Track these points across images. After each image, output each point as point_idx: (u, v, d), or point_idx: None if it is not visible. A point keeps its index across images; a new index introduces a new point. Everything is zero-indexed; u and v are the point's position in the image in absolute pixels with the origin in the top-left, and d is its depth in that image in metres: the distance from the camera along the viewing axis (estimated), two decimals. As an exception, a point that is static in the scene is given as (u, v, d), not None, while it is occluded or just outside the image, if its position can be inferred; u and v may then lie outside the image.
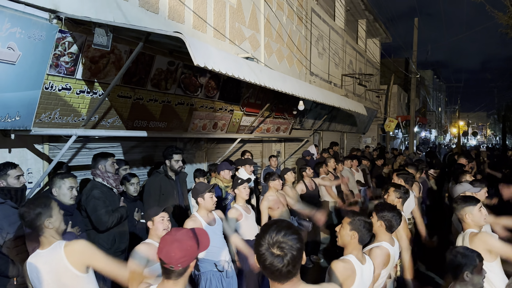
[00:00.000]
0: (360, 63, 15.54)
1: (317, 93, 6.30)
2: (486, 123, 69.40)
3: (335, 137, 13.71)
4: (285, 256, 1.52)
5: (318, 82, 10.87)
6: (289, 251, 1.53)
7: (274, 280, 1.60)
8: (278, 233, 1.55)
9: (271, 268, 1.54)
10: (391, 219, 2.93)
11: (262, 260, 1.56)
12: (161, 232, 3.01)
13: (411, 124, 19.09)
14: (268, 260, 1.54)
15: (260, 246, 1.57)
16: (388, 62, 21.97)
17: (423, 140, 35.78)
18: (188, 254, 1.85)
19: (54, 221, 2.37)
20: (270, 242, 1.54)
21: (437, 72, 45.04)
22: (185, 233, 1.89)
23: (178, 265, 1.83)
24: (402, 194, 3.92)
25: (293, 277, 1.59)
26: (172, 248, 1.82)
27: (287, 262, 1.53)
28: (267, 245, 1.55)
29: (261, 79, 4.23)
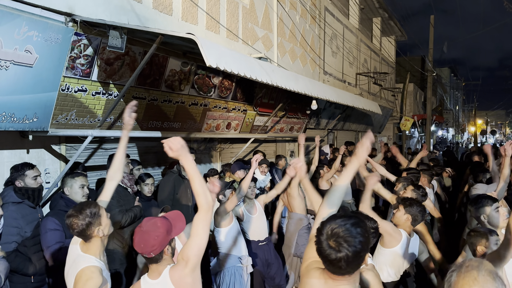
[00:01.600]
0: (375, 61, 15.38)
1: (330, 92, 6.27)
2: (505, 121, 67.94)
3: (349, 137, 13.60)
4: (338, 252, 1.48)
5: (332, 81, 10.81)
6: (345, 249, 1.47)
7: (327, 269, 1.58)
8: (341, 226, 1.51)
9: (325, 257, 1.52)
10: (417, 214, 3.17)
11: (319, 247, 1.53)
12: None
13: (428, 123, 18.80)
14: (324, 251, 1.51)
15: (320, 234, 1.54)
16: (404, 60, 21.68)
17: (440, 139, 35.18)
18: (157, 243, 2.00)
19: (104, 228, 2.34)
20: (329, 232, 1.51)
21: (454, 69, 44.25)
22: (152, 224, 2.06)
23: (151, 253, 2.00)
24: (420, 196, 3.89)
25: (346, 274, 1.55)
26: (140, 239, 2.01)
27: (339, 258, 1.48)
28: (326, 235, 1.52)
29: (273, 79, 4.23)
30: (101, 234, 2.31)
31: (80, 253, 2.28)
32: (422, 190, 4.03)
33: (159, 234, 2.01)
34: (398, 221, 3.19)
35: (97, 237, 2.30)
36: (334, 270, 1.54)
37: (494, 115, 68.11)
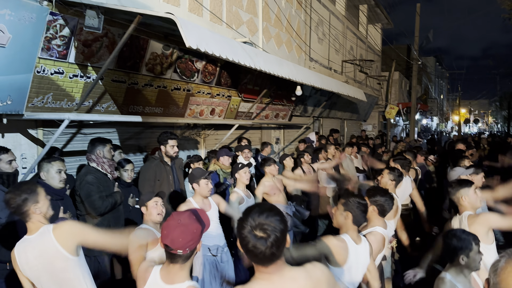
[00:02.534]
0: (361, 49, 15.36)
1: (314, 78, 6.22)
2: (487, 110, 69.04)
3: (335, 124, 13.64)
4: (268, 238, 1.49)
5: (318, 68, 10.76)
6: (272, 232, 1.49)
7: (258, 264, 1.57)
8: (260, 215, 1.52)
9: (254, 251, 1.51)
10: (383, 203, 2.92)
11: (245, 243, 1.52)
12: (155, 217, 2.97)
13: (412, 111, 18.95)
14: (251, 243, 1.50)
15: (242, 229, 1.53)
16: (390, 48, 21.72)
17: (425, 127, 35.65)
18: (195, 237, 1.82)
19: (41, 206, 2.32)
20: (253, 224, 1.51)
21: (440, 58, 44.62)
22: (188, 216, 1.85)
23: (186, 249, 1.81)
24: (396, 176, 3.91)
25: (277, 259, 1.56)
26: (177, 233, 1.78)
27: (270, 244, 1.49)
28: (249, 228, 1.51)
29: (257, 63, 4.16)
30: (38, 212, 2.28)
31: (26, 238, 2.29)
32: (397, 171, 4.03)
33: (197, 227, 1.83)
34: (337, 221, 2.73)
35: (35, 216, 2.28)
36: (264, 260, 1.53)
37: (477, 104, 69.17)
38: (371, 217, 2.93)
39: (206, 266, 3.69)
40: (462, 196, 3.10)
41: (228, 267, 3.85)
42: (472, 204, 3.10)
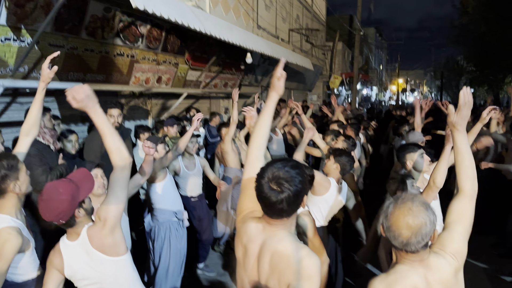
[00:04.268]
0: (307, 18, 15.42)
1: (265, 46, 6.17)
2: (423, 80, 73.11)
3: (283, 94, 13.76)
4: (281, 193, 1.48)
5: (265, 36, 10.67)
6: (287, 189, 1.48)
7: (265, 214, 1.58)
8: (282, 168, 1.51)
9: (265, 200, 1.51)
10: (346, 163, 3.25)
11: (259, 191, 1.52)
12: (95, 190, 2.81)
13: (355, 81, 19.57)
14: (264, 192, 1.50)
15: (261, 178, 1.52)
16: (333, 19, 22.03)
17: (365, 97, 37.07)
18: (62, 209, 1.77)
19: (21, 184, 2.10)
20: (270, 176, 1.50)
21: (379, 30, 46.11)
22: (53, 190, 1.79)
23: (60, 221, 1.79)
24: (350, 146, 4.07)
25: (284, 217, 1.56)
26: (44, 209, 1.77)
27: (281, 199, 1.48)
28: (267, 178, 1.50)
29: (207, 28, 4.01)
30: (17, 190, 2.08)
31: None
32: (352, 140, 4.23)
33: (63, 200, 1.77)
34: (328, 170, 3.27)
35: (12, 194, 2.07)
36: (273, 213, 1.54)
37: (413, 74, 72.94)
38: (332, 173, 3.27)
39: (172, 230, 3.65)
40: (408, 160, 3.26)
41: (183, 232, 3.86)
42: (418, 168, 3.23)
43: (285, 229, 1.59)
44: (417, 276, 1.54)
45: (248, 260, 1.63)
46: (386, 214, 1.57)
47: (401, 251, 1.56)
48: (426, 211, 1.51)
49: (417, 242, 1.50)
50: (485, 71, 20.61)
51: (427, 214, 1.50)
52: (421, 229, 1.49)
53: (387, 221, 1.56)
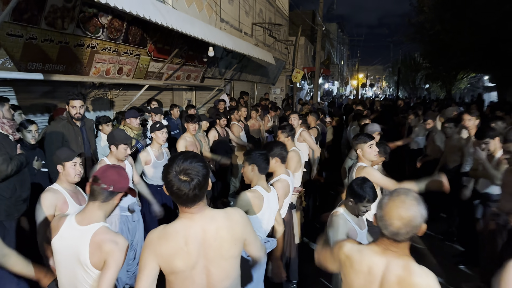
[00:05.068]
0: (270, 12, 15.60)
1: (227, 40, 6.29)
2: (382, 75, 75.50)
3: (246, 87, 13.91)
4: (191, 181, 1.64)
5: (228, 30, 10.76)
6: (196, 176, 1.65)
7: (182, 205, 1.72)
8: (185, 161, 1.66)
9: (178, 193, 1.65)
10: (281, 151, 3.22)
11: (170, 186, 1.66)
12: (72, 178, 2.86)
13: (316, 76, 20.02)
14: (175, 186, 1.64)
15: (168, 174, 1.66)
16: (297, 13, 22.34)
17: (327, 91, 37.88)
18: (121, 180, 2.01)
19: None
20: (177, 169, 1.64)
21: (341, 25, 47.12)
22: (120, 167, 2.10)
23: (110, 186, 1.97)
24: (288, 131, 4.27)
25: (199, 201, 1.72)
26: (109, 170, 2.01)
27: (193, 187, 1.65)
28: (174, 172, 1.64)
29: (169, 21, 4.09)
30: None
31: None
32: (288, 126, 4.34)
33: (126, 175, 2.06)
34: (247, 176, 2.88)
35: None
36: (188, 201, 1.69)
37: (373, 69, 75.13)
38: (275, 168, 3.24)
39: (118, 224, 3.73)
40: (358, 148, 3.53)
41: (139, 226, 3.95)
42: (366, 156, 3.52)
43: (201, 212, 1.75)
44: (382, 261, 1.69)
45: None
46: (381, 205, 1.69)
47: (388, 240, 1.69)
48: (418, 205, 1.64)
49: (406, 233, 1.63)
50: (439, 67, 21.68)
51: (418, 208, 1.63)
52: (411, 221, 1.62)
53: (381, 211, 1.68)
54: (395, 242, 1.67)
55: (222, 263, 1.78)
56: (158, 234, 1.73)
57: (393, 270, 1.64)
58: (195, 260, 1.72)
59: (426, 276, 1.61)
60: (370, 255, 1.73)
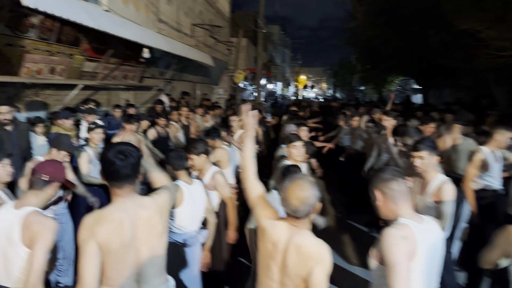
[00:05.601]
0: (210, 14, 15.78)
1: (162, 42, 6.43)
2: (322, 77, 78.32)
3: (187, 87, 13.98)
4: (126, 159, 1.90)
5: (167, 31, 10.81)
6: (130, 156, 1.92)
7: (114, 185, 1.94)
8: (121, 146, 1.95)
9: (112, 168, 1.89)
10: (204, 147, 3.57)
11: (106, 163, 1.91)
12: (3, 178, 2.93)
13: (258, 77, 20.52)
14: (111, 161, 1.89)
15: (106, 153, 1.92)
16: (239, 15, 22.71)
17: (270, 92, 38.78)
18: (57, 172, 2.31)
19: None
20: (115, 150, 1.91)
21: (284, 27, 48.43)
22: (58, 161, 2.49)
23: (46, 176, 2.25)
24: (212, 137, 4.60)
25: (130, 183, 1.96)
26: (46, 163, 2.35)
27: (127, 164, 1.90)
28: (112, 152, 1.90)
29: (100, 24, 4.19)
30: None
31: None
32: (213, 129, 4.72)
33: (61, 168, 2.40)
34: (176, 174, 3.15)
35: None
36: (120, 178, 1.93)
37: (315, 71, 77.77)
38: (204, 165, 3.58)
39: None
40: (289, 148, 3.95)
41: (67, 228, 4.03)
42: (292, 156, 3.92)
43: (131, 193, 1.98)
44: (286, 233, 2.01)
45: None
46: (283, 189, 2.02)
47: (291, 217, 2.01)
48: (312, 187, 1.97)
49: (303, 210, 1.95)
50: (371, 71, 23.10)
51: (312, 190, 1.96)
52: (307, 200, 1.94)
53: (283, 193, 2.01)
54: (296, 219, 1.99)
55: (151, 242, 2.00)
56: (94, 216, 1.90)
57: (293, 241, 1.98)
58: (129, 240, 1.91)
59: (320, 246, 1.96)
60: (279, 228, 2.05)
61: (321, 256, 1.94)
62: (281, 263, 2.00)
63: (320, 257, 1.94)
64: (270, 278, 2.04)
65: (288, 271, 1.96)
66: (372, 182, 2.10)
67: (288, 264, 1.96)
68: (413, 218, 2.00)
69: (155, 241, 2.03)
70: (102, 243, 1.84)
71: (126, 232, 1.90)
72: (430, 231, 2.00)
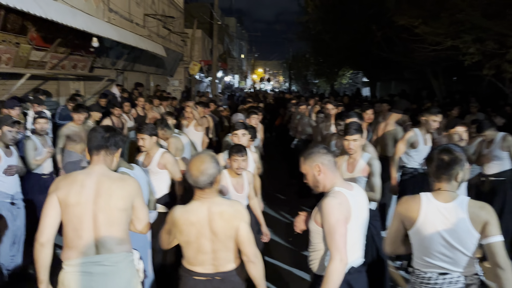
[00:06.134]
0: (163, 4, 15.65)
1: (111, 31, 6.48)
2: (279, 70, 79.34)
3: (140, 78, 13.88)
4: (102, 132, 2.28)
5: (118, 20, 10.70)
6: (106, 131, 2.29)
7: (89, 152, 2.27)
8: (106, 126, 2.37)
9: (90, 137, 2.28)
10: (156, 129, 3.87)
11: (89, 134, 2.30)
12: None
13: (214, 69, 20.62)
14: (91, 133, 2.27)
15: (94, 129, 2.37)
16: (195, 5, 22.60)
17: (227, 84, 38.88)
18: None
19: None
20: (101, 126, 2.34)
21: (240, 20, 48.52)
22: None
23: None
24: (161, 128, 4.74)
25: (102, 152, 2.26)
26: None
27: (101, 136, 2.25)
28: (97, 127, 2.29)
29: (48, 13, 4.25)
30: None
31: None
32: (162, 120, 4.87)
33: None
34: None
35: None
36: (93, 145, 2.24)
37: (271, 64, 78.56)
38: (153, 147, 3.80)
39: (3, 211, 3.85)
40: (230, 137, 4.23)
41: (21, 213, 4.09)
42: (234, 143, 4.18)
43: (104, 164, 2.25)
44: (203, 208, 2.23)
45: None
46: (186, 164, 2.30)
47: (197, 190, 2.24)
48: (211, 160, 2.23)
49: (204, 180, 2.19)
50: (324, 64, 23.90)
51: (212, 162, 2.22)
52: (205, 170, 2.19)
53: (187, 168, 2.25)
54: (201, 190, 2.24)
55: (109, 212, 2.16)
56: (63, 176, 2.27)
57: (213, 210, 2.24)
58: (84, 201, 2.13)
59: (236, 204, 2.30)
60: (194, 208, 2.26)
61: (241, 212, 2.28)
62: (210, 234, 2.23)
63: (241, 213, 2.27)
64: (203, 252, 2.26)
65: (219, 237, 2.23)
66: (309, 158, 2.32)
67: (217, 231, 2.22)
68: (345, 186, 2.30)
69: (114, 213, 2.18)
70: (61, 197, 2.13)
71: (84, 193, 2.14)
72: (359, 197, 2.33)
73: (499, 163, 4.66)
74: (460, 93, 12.42)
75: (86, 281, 2.13)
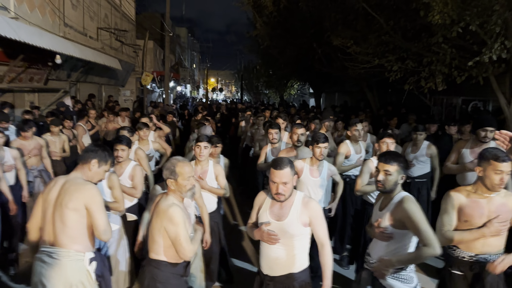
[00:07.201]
0: (115, 17, 16.02)
1: (73, 49, 6.98)
2: (231, 80, 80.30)
3: (93, 89, 14.12)
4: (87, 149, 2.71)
5: (73, 34, 11.06)
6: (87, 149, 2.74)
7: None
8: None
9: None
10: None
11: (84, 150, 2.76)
12: None
13: (166, 79, 21.03)
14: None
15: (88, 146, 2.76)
16: (146, 16, 22.90)
17: (179, 94, 39.05)
18: None
19: None
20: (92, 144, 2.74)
21: (192, 30, 48.91)
22: None
23: None
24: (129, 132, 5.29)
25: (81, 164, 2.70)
26: None
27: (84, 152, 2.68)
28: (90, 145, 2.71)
29: (21, 36, 4.76)
30: None
31: None
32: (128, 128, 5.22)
33: None
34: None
35: None
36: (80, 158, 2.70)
37: (224, 74, 79.26)
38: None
39: None
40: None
41: None
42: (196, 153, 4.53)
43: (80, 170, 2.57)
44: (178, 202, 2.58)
45: None
46: (172, 170, 2.57)
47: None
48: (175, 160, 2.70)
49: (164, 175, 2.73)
50: (273, 76, 25.06)
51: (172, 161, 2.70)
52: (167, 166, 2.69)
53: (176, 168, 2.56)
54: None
55: (60, 209, 2.41)
56: (54, 179, 2.61)
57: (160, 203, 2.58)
58: (50, 199, 2.45)
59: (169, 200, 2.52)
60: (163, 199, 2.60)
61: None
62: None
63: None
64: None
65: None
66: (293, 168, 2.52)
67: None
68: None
69: (64, 211, 2.39)
70: (43, 196, 2.54)
71: (52, 192, 2.47)
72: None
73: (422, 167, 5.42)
74: (392, 104, 13.87)
75: (40, 267, 2.42)
